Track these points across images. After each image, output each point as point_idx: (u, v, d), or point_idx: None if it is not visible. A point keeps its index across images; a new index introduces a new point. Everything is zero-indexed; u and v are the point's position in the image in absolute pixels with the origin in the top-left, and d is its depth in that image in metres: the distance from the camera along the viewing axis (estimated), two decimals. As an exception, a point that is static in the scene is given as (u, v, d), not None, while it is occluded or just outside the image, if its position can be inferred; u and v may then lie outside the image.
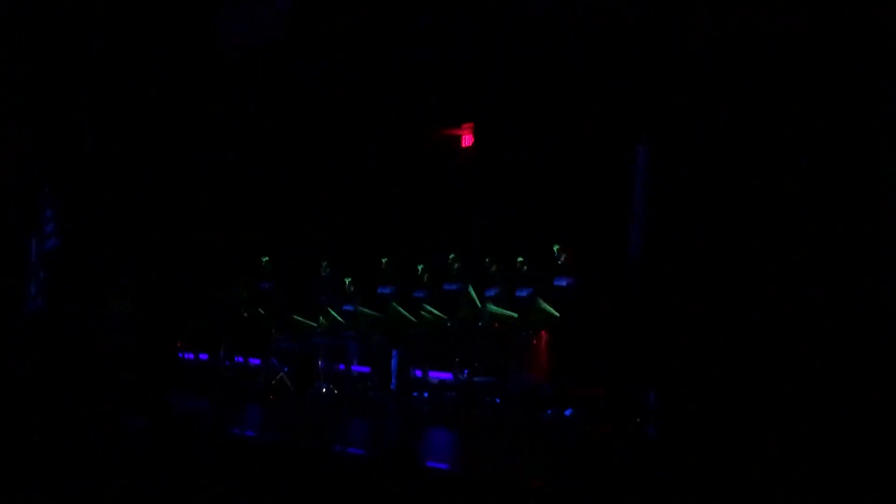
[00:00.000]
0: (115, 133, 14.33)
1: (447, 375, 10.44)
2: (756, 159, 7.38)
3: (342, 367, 11.42)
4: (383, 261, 11.39)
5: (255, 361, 12.37)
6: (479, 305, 10.08)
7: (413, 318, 10.49)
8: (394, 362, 10.67)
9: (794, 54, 7.23)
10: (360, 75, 11.80)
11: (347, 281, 11.48)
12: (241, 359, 12.54)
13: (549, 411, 9.11)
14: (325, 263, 11.93)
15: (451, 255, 10.81)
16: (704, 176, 7.72)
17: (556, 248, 9.79)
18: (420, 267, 10.95)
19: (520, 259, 10.11)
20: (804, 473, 6.79)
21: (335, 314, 11.23)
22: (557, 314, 9.44)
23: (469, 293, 10.13)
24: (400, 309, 10.58)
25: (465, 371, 10.16)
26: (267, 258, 12.50)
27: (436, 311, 10.33)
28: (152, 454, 9.26)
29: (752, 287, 7.26)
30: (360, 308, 11.06)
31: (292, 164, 13.68)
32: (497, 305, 9.94)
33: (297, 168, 13.67)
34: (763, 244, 7.25)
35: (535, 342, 9.56)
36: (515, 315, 9.73)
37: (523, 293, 9.82)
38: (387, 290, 11.16)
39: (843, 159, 6.91)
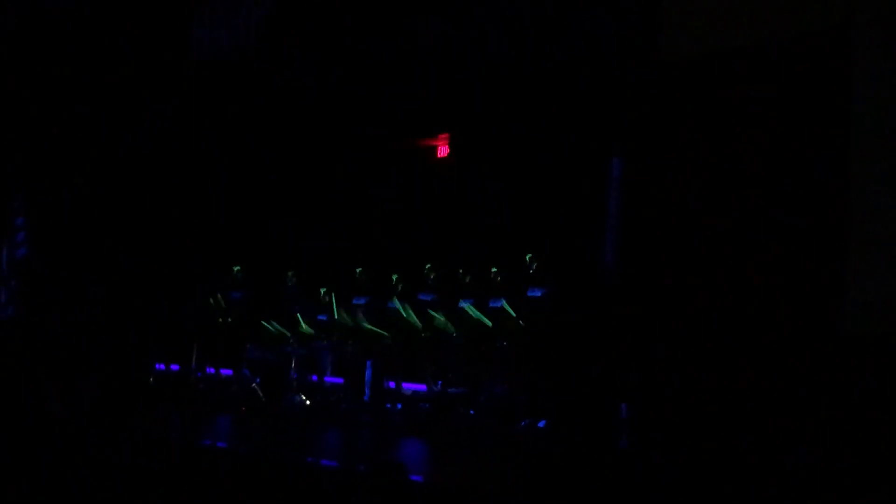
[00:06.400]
0: (87, 141, 14.23)
1: (421, 387, 10.39)
2: (730, 171, 7.41)
3: (315, 377, 11.35)
4: (357, 271, 11.34)
5: (226, 372, 12.27)
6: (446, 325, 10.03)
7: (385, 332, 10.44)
8: (368, 373, 10.60)
9: (767, 66, 7.26)
10: (334, 84, 11.76)
11: (322, 291, 11.42)
12: (212, 369, 12.44)
13: (523, 423, 9.09)
14: (291, 273, 11.87)
15: (427, 266, 10.78)
16: (678, 187, 7.74)
17: (528, 258, 9.77)
18: (395, 277, 10.91)
19: (493, 269, 10.08)
20: (779, 484, 6.80)
21: (307, 326, 11.14)
22: (490, 323, 9.47)
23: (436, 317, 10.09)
24: (371, 327, 10.53)
25: (439, 382, 10.12)
26: (238, 267, 12.42)
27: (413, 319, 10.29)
28: (121, 465, 9.15)
29: (725, 297, 7.27)
30: (340, 314, 10.95)
31: (267, 173, 13.61)
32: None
33: (271, 177, 13.60)
34: (737, 255, 7.27)
35: (508, 353, 9.52)
36: (490, 323, 9.70)
37: (497, 304, 9.80)
38: (361, 301, 11.11)
39: (815, 167, 6.94)
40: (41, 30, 14.42)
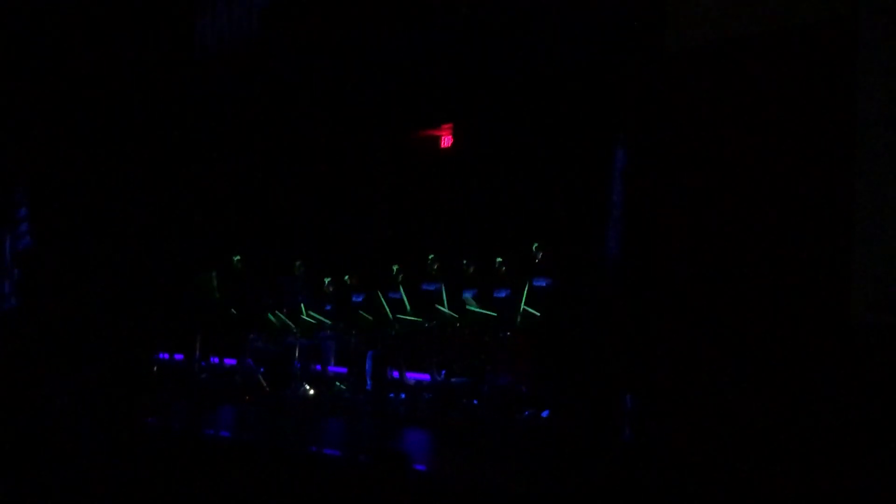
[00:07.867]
0: (90, 132, 14.23)
1: (424, 376, 10.39)
2: (734, 161, 7.39)
3: (318, 367, 11.36)
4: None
5: (230, 361, 12.29)
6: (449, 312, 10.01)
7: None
8: (368, 363, 10.61)
9: (771, 56, 7.24)
10: (337, 75, 11.74)
11: (327, 281, 11.44)
12: (216, 359, 12.46)
13: (526, 413, 9.09)
14: (298, 263, 11.88)
15: (431, 256, 10.77)
16: (683, 178, 7.72)
17: (535, 247, 9.78)
18: (395, 267, 10.90)
19: (498, 259, 10.08)
20: (783, 474, 6.79)
21: (311, 316, 11.14)
22: (495, 314, 9.43)
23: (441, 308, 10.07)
24: (366, 315, 10.51)
25: (443, 372, 10.12)
26: (238, 257, 12.43)
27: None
28: (125, 455, 9.16)
29: (730, 288, 7.26)
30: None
31: (269, 164, 13.61)
32: (475, 306, 9.90)
33: (274, 168, 13.60)
34: (742, 246, 7.25)
35: (512, 343, 9.52)
36: (495, 314, 9.69)
37: (501, 294, 9.80)
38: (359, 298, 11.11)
39: (820, 157, 6.92)
40: (44, 21, 14.41)
